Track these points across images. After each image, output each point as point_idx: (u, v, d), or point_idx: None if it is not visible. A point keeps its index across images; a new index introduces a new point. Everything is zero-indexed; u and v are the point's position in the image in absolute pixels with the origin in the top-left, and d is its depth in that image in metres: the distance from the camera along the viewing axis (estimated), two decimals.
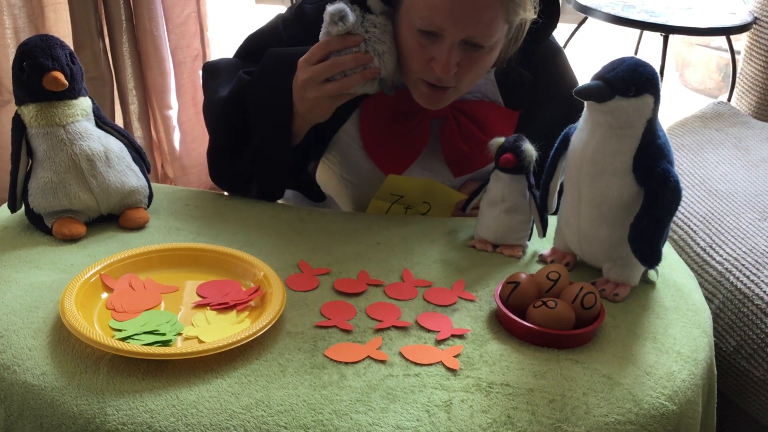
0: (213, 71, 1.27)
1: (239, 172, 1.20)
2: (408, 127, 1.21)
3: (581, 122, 1.00)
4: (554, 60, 1.29)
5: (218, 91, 1.22)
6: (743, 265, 1.30)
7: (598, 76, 0.94)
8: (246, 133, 1.18)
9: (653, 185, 0.95)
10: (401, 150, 1.22)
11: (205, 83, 1.28)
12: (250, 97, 1.16)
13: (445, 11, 1.03)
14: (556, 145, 1.06)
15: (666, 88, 3.46)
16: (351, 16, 1.04)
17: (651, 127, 0.96)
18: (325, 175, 1.31)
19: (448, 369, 0.86)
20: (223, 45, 2.22)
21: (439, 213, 1.24)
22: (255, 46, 1.27)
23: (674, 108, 3.22)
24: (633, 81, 0.92)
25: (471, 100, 1.23)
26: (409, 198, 1.22)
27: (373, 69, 1.07)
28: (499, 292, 0.96)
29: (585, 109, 0.99)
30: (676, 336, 0.95)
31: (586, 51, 3.19)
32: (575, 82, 1.32)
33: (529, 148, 1.07)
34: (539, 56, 1.25)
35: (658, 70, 2.21)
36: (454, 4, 1.03)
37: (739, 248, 1.34)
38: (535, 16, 1.11)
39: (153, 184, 1.17)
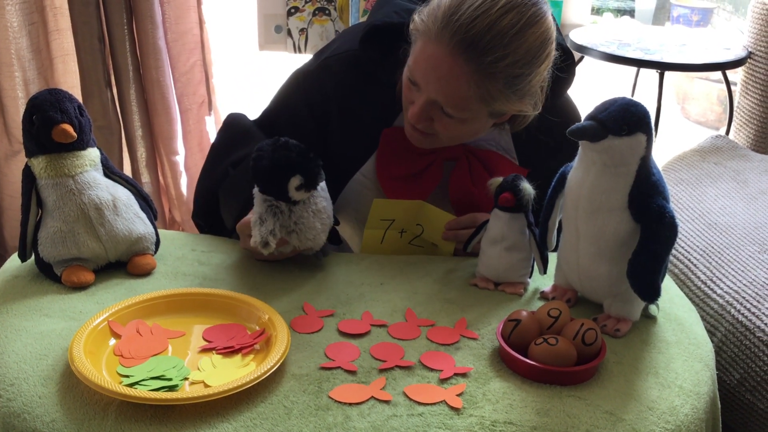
0: (229, 128, 1.35)
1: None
2: (422, 164, 1.24)
3: (577, 161, 1.02)
4: (561, 104, 1.30)
5: (219, 155, 1.30)
6: (744, 297, 1.31)
7: (591, 117, 0.96)
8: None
9: (649, 221, 0.97)
10: (414, 187, 1.25)
11: (218, 136, 1.36)
12: (221, 197, 1.26)
13: (420, 70, 1.10)
14: (553, 183, 1.08)
15: (667, 121, 3.49)
16: (271, 244, 1.06)
17: (645, 164, 0.98)
18: (341, 221, 1.33)
19: (452, 408, 0.87)
20: (228, 91, 2.26)
21: (431, 234, 1.24)
22: (274, 116, 1.34)
23: (676, 141, 3.24)
24: (625, 120, 0.95)
25: (485, 148, 1.26)
26: (401, 221, 1.23)
27: (282, 254, 1.14)
28: (500, 330, 0.97)
29: (580, 148, 1.01)
30: (678, 370, 0.96)
31: (584, 90, 3.23)
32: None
33: (527, 187, 1.09)
34: (559, 126, 1.25)
35: (656, 105, 2.25)
36: (428, 68, 1.08)
37: (740, 281, 1.35)
38: (537, 112, 1.15)
39: (160, 230, 1.19)
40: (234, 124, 1.35)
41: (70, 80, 2.09)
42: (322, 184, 1.13)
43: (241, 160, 1.25)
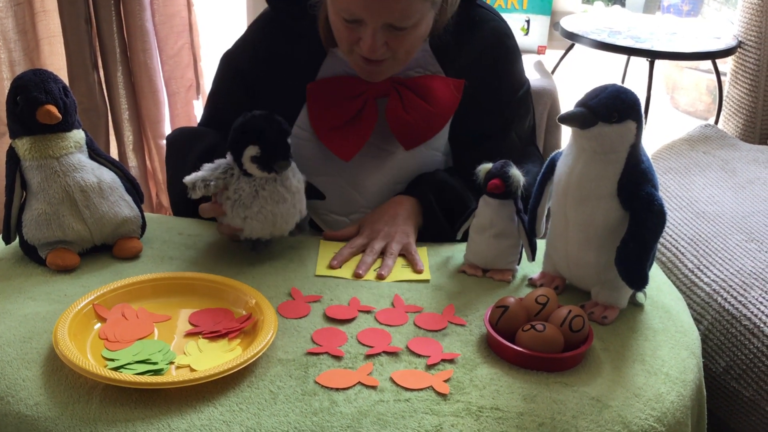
0: (177, 139, 1.34)
1: None
2: (355, 108, 1.24)
3: (566, 148, 1.02)
4: (506, 57, 1.30)
5: (181, 157, 1.28)
6: (731, 286, 1.31)
7: (581, 103, 0.96)
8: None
9: (638, 209, 0.97)
10: (352, 132, 1.24)
11: (170, 149, 1.35)
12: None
13: (360, 4, 1.09)
14: (542, 170, 1.08)
15: (656, 110, 3.50)
16: (197, 191, 1.06)
17: (634, 152, 0.97)
18: None
19: (439, 394, 0.87)
20: None
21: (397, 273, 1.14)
22: (214, 106, 1.36)
23: (665, 130, 3.25)
24: (615, 107, 0.94)
25: (413, 76, 1.26)
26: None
27: (231, 227, 1.11)
28: (488, 317, 0.97)
29: (570, 135, 1.01)
30: (665, 358, 0.96)
31: (575, 77, 3.23)
32: (520, 82, 1.33)
33: (516, 174, 1.08)
34: (483, 34, 1.27)
35: (645, 94, 2.25)
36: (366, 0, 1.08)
37: (727, 269, 1.35)
38: None
39: (147, 214, 1.18)
40: (179, 134, 1.36)
41: (56, 62, 2.06)
42: (298, 184, 1.11)
43: (204, 152, 1.24)
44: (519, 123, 1.33)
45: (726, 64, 2.39)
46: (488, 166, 1.11)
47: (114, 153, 2.19)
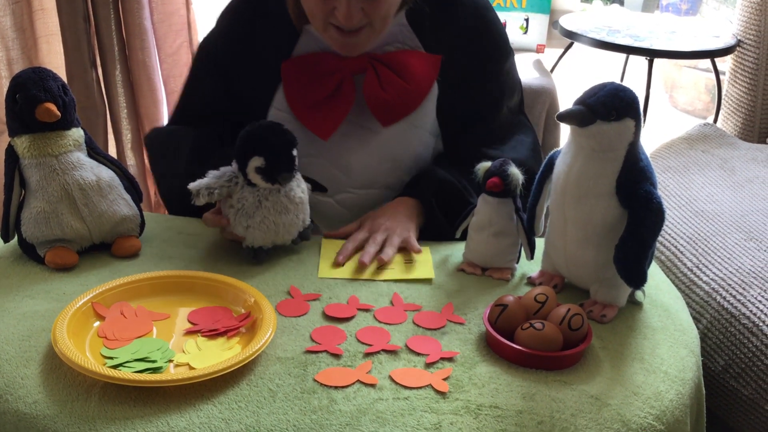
0: (156, 137, 1.35)
1: None
2: (332, 86, 1.23)
3: (565, 146, 1.02)
4: (486, 29, 1.30)
5: (167, 155, 1.30)
6: (730, 285, 1.31)
7: (580, 101, 0.96)
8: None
9: (636, 207, 0.97)
10: (330, 110, 1.23)
11: (151, 149, 1.36)
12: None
13: None
14: (541, 168, 1.07)
15: (655, 109, 3.50)
16: (201, 198, 1.07)
17: (633, 150, 0.97)
18: None
19: (438, 392, 0.87)
20: None
21: (398, 271, 1.13)
22: (187, 96, 1.36)
23: (664, 129, 3.25)
24: (614, 105, 0.94)
25: (391, 51, 1.25)
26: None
27: (233, 234, 1.11)
28: (487, 315, 0.97)
29: (569, 133, 1.01)
30: (664, 356, 0.96)
31: (574, 75, 3.23)
32: (502, 53, 1.33)
33: (515, 172, 1.08)
34: (462, 7, 1.27)
35: (644, 93, 2.25)
36: None
37: (726, 268, 1.35)
38: None
39: (146, 213, 1.18)
40: (156, 134, 1.37)
41: (54, 60, 2.06)
42: (302, 195, 1.11)
43: (193, 150, 1.24)
44: (508, 96, 1.32)
45: (725, 63, 2.39)
46: (487, 164, 1.11)
47: (112, 151, 2.19)
